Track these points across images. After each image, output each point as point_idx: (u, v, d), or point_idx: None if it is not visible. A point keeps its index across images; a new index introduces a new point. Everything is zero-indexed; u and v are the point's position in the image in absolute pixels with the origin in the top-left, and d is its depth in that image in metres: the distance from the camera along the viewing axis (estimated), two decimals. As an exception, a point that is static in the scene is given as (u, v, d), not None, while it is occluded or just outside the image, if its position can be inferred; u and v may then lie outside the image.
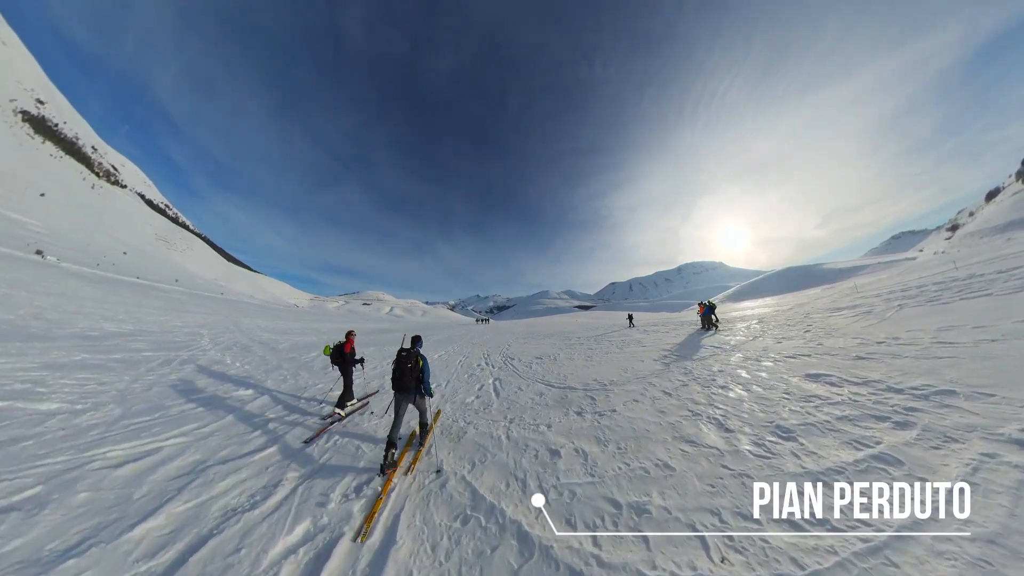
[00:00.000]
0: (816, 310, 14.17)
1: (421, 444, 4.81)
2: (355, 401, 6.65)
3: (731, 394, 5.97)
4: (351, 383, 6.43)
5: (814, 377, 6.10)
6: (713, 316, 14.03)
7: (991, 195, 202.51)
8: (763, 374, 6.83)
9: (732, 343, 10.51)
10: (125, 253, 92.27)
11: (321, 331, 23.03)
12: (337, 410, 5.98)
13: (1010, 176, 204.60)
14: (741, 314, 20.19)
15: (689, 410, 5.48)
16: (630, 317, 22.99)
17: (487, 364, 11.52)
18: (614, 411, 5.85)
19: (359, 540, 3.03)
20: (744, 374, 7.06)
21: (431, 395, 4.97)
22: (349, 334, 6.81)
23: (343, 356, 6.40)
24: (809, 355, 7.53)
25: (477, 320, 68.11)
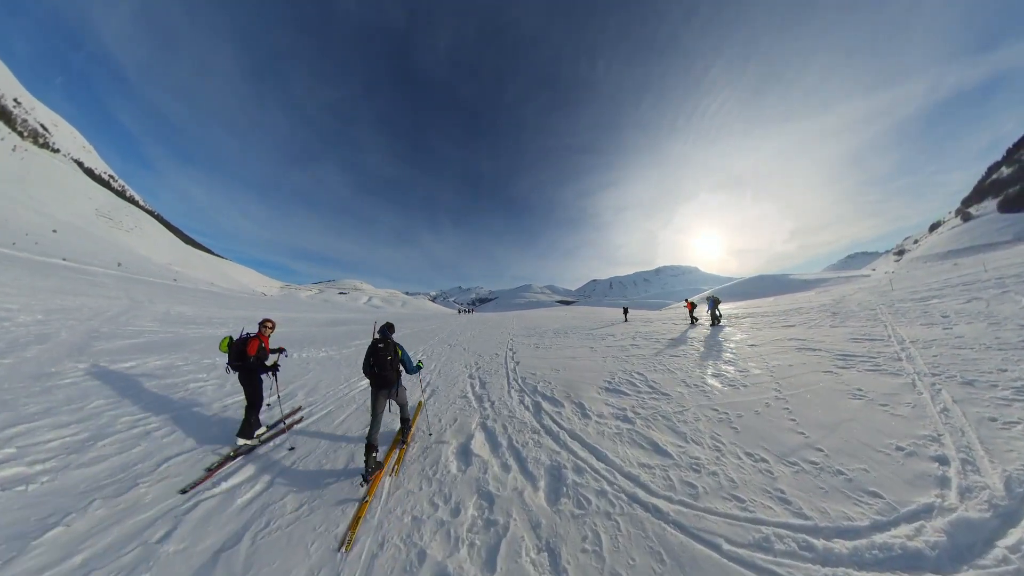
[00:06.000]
0: (889, 302, 12.20)
1: (404, 442, 4.11)
2: (265, 430, 4.30)
3: None
4: (258, 402, 4.08)
5: None
6: (716, 311, 14.02)
7: (934, 227, 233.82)
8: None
9: (879, 334, 8.13)
10: (55, 231, 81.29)
11: (252, 320, 17.55)
12: (244, 440, 3.93)
13: (950, 212, 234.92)
14: (761, 311, 17.75)
15: None
16: (625, 311, 22.88)
17: (487, 439, 4.28)
18: None
19: (343, 550, 2.64)
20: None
21: (419, 369, 4.15)
22: (263, 324, 4.34)
23: (244, 360, 4.03)
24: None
25: (459, 311, 63.66)
